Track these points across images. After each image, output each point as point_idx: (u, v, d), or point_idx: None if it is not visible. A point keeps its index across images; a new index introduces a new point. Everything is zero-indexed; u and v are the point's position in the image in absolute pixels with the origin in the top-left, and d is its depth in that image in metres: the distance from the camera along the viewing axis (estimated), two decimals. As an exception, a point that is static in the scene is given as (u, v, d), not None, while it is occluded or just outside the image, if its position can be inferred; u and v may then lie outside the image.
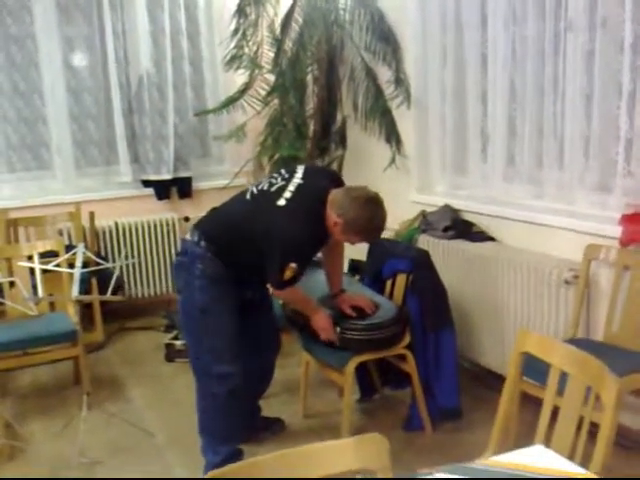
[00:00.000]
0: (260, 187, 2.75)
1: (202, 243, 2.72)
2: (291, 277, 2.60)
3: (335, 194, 2.65)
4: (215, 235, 2.74)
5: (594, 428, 1.68)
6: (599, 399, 1.65)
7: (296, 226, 2.58)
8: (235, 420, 2.83)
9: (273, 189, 2.68)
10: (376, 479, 1.23)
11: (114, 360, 4.26)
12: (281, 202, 2.62)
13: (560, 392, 1.81)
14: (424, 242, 3.79)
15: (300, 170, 2.76)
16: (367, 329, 2.93)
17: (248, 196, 2.75)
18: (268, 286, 2.71)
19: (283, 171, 2.80)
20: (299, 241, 2.59)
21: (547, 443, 1.76)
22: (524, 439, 1.78)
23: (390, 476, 1.39)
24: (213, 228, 2.78)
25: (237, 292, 2.78)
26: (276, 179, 2.74)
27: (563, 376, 1.82)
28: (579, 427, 1.73)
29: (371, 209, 2.64)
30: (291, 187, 2.66)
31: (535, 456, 1.46)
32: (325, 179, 2.79)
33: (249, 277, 2.75)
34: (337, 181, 2.85)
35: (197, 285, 2.73)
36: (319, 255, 3.06)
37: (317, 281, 3.16)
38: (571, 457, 1.69)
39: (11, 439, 3.12)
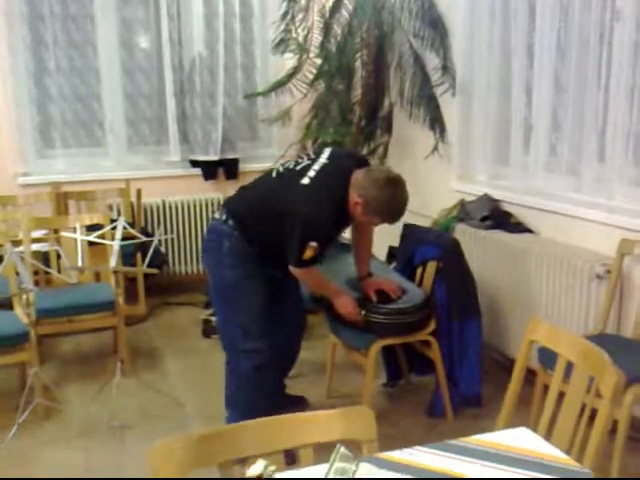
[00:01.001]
0: (286, 166, 2.80)
1: (230, 222, 2.78)
2: (311, 257, 2.63)
3: (357, 175, 2.68)
4: (240, 212, 2.80)
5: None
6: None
7: (318, 205, 2.62)
8: (259, 395, 2.88)
9: (298, 168, 2.73)
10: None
11: (154, 333, 4.41)
12: (305, 181, 2.66)
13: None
14: (461, 231, 3.77)
15: (327, 152, 2.80)
16: (391, 313, 2.95)
17: (274, 174, 2.81)
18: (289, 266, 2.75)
19: (310, 152, 2.85)
20: (321, 219, 2.62)
21: (551, 430, 1.77)
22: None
23: (375, 448, 1.43)
24: (238, 205, 2.84)
25: (265, 271, 2.84)
26: (302, 159, 2.79)
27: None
28: (583, 410, 1.72)
29: (391, 190, 2.66)
30: (316, 166, 2.70)
31: (517, 437, 1.47)
32: (350, 161, 2.81)
33: (274, 256, 2.80)
34: (363, 163, 2.86)
35: (227, 263, 2.79)
36: (348, 237, 3.09)
37: (346, 264, 3.20)
38: (571, 445, 1.69)
39: (48, 400, 3.28)
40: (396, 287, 3.01)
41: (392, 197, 2.67)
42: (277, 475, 1.25)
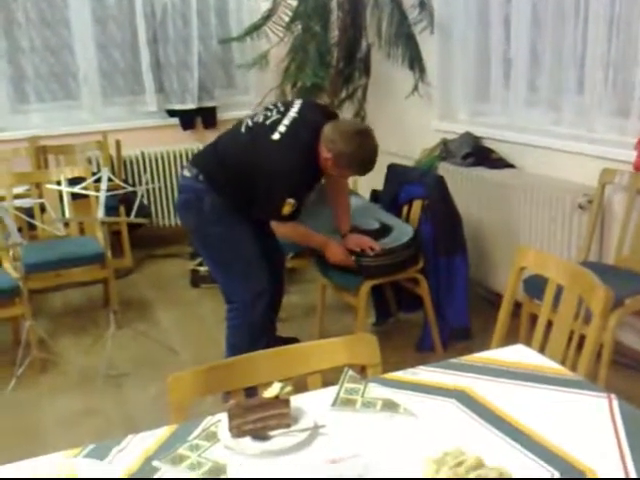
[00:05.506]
0: (255, 119, 2.74)
1: (200, 177, 2.75)
2: (291, 212, 2.63)
3: (325, 129, 2.66)
4: (211, 170, 2.76)
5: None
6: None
7: (290, 160, 2.60)
8: (263, 334, 2.87)
9: (268, 122, 2.68)
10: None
11: (142, 285, 4.43)
12: (275, 136, 2.62)
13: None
14: (444, 170, 3.80)
15: (297, 104, 2.75)
16: (381, 254, 2.99)
17: (243, 129, 2.75)
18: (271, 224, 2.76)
19: (279, 104, 2.79)
20: (293, 176, 2.61)
21: (542, 352, 1.84)
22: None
23: (379, 371, 1.48)
24: (209, 163, 2.79)
25: (245, 216, 2.83)
26: (271, 112, 2.73)
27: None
28: (571, 337, 1.79)
29: (359, 141, 2.65)
30: (286, 121, 2.66)
31: (515, 353, 1.54)
32: (320, 114, 2.77)
33: (248, 209, 2.77)
34: (332, 116, 2.83)
35: (210, 219, 2.77)
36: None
37: (327, 217, 3.17)
38: (563, 362, 1.76)
39: (44, 353, 3.31)
40: (374, 244, 3.01)
41: (361, 149, 2.66)
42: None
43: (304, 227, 2.84)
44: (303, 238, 2.95)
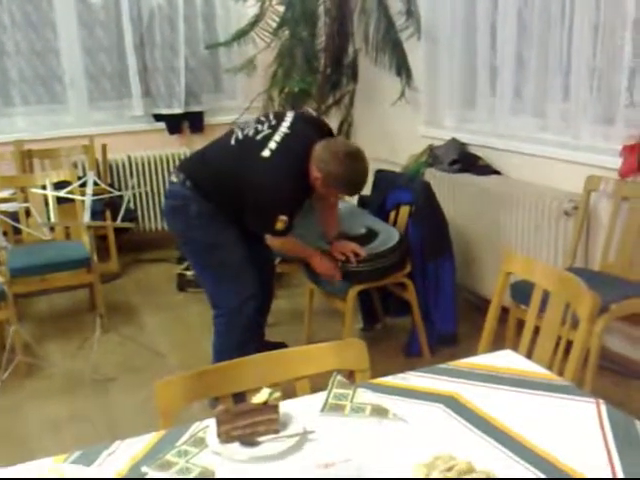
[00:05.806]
0: (246, 132, 2.71)
1: (187, 183, 2.73)
2: (283, 228, 2.63)
3: (316, 148, 2.64)
4: (199, 177, 2.75)
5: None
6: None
7: (280, 179, 2.59)
8: (251, 338, 2.87)
9: (259, 137, 2.65)
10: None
11: (128, 289, 4.41)
12: (265, 153, 2.60)
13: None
14: (431, 176, 3.82)
15: (288, 118, 2.72)
16: (368, 259, 2.99)
17: (233, 141, 2.72)
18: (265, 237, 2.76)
19: (271, 116, 2.76)
20: (284, 194, 2.61)
21: (529, 358, 1.85)
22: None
23: (368, 376, 1.49)
24: (197, 172, 2.78)
25: (233, 220, 2.82)
26: (262, 125, 2.70)
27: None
28: (558, 343, 1.80)
29: (350, 163, 2.63)
30: (277, 137, 2.63)
31: (502, 358, 1.54)
32: (312, 130, 2.74)
33: (238, 215, 2.75)
34: (326, 132, 2.82)
35: (198, 224, 2.75)
36: None
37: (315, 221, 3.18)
38: (550, 367, 1.77)
39: (29, 357, 3.28)
40: (359, 249, 3.00)
41: (351, 171, 2.65)
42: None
43: (295, 240, 2.83)
44: (294, 249, 2.95)
